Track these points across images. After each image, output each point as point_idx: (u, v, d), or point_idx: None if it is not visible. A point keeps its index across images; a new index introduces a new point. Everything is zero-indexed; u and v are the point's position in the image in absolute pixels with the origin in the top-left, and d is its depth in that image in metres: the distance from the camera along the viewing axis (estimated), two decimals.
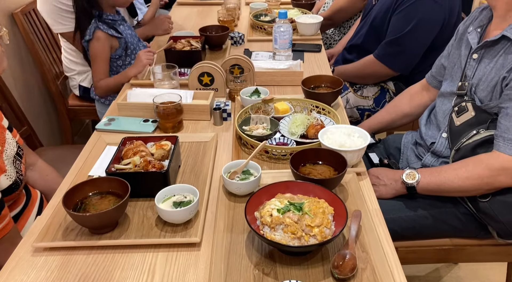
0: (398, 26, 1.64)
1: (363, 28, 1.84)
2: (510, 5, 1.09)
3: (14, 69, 1.92)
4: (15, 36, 1.94)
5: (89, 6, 1.60)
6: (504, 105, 1.08)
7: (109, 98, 1.77)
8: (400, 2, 1.63)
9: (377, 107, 1.84)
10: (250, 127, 1.22)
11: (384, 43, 1.70)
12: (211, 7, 2.34)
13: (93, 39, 1.60)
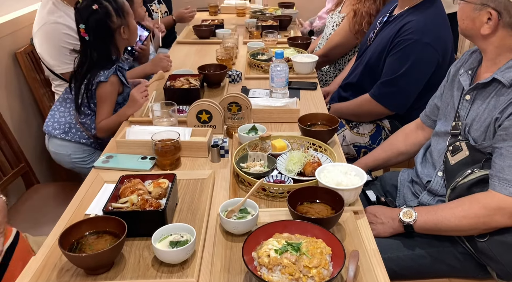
0: (393, 67, 1.68)
1: (358, 67, 1.89)
2: (499, 49, 1.13)
3: (14, 106, 1.95)
4: (17, 74, 1.98)
5: (110, 51, 1.63)
6: (498, 145, 1.11)
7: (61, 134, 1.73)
8: (395, 44, 1.68)
9: (373, 145, 1.86)
10: (248, 165, 1.23)
11: (380, 83, 1.73)
12: (210, 46, 2.40)
13: (108, 82, 1.60)
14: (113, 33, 1.63)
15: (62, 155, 1.76)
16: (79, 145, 1.74)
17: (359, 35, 2.21)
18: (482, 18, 1.11)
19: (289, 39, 2.28)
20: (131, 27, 1.69)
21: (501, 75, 1.12)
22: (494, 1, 1.07)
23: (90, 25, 1.58)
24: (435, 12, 1.67)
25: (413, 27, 1.63)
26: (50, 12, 1.80)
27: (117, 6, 1.63)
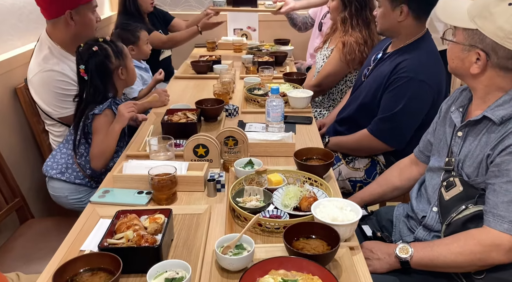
0: (390, 104, 1.72)
1: (353, 102, 1.93)
2: (488, 88, 1.17)
3: (11, 141, 1.96)
4: (16, 109, 2.00)
5: (107, 90, 1.68)
6: (491, 181, 1.12)
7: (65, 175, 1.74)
8: (391, 82, 1.72)
9: (369, 179, 1.88)
10: (244, 199, 1.24)
11: (378, 120, 1.76)
12: (207, 81, 2.45)
13: (102, 114, 1.64)
14: (111, 74, 1.70)
15: (60, 196, 1.77)
16: (75, 185, 1.74)
17: (351, 64, 2.28)
18: (471, 58, 1.15)
19: (285, 75, 2.34)
20: (129, 69, 1.77)
21: (491, 113, 1.15)
22: (482, 42, 1.11)
23: (90, 65, 1.65)
24: (428, 50, 1.73)
25: (408, 65, 1.68)
26: (45, 59, 1.82)
27: (116, 48, 1.71)
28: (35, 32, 2.19)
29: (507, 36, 1.07)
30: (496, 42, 1.08)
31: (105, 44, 1.69)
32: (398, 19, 1.71)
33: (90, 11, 1.89)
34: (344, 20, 2.29)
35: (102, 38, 1.72)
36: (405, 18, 1.70)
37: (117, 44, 1.74)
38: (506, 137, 1.11)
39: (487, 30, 1.09)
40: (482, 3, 1.12)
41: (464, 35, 1.15)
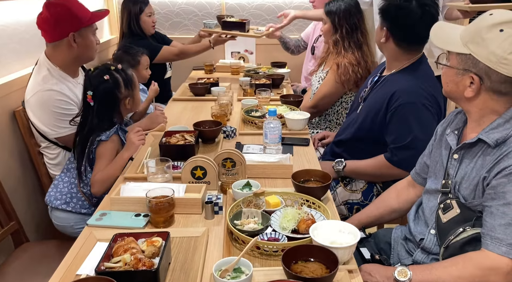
0: (403, 132, 1.69)
1: (351, 125, 1.93)
2: (483, 111, 1.18)
3: (9, 164, 1.95)
4: (14, 132, 2.00)
5: (112, 117, 1.69)
6: (488, 204, 1.13)
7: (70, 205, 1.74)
8: (393, 111, 1.69)
9: (366, 201, 1.87)
10: (242, 222, 1.23)
11: (395, 149, 1.73)
12: (205, 103, 2.47)
13: (108, 141, 1.64)
14: (118, 103, 1.71)
15: (65, 226, 1.75)
16: (80, 215, 1.73)
17: (346, 84, 2.33)
18: (465, 82, 1.17)
19: (282, 97, 2.37)
20: (136, 98, 1.80)
21: (486, 136, 1.16)
22: (475, 67, 1.13)
23: (98, 93, 1.65)
24: (423, 74, 1.75)
25: (406, 91, 1.68)
26: (45, 80, 1.84)
27: (127, 78, 1.72)
28: (35, 55, 2.22)
29: (499, 61, 1.09)
30: (489, 66, 1.11)
31: (116, 73, 1.70)
32: (381, 39, 1.75)
33: (91, 33, 1.93)
34: (336, 43, 2.35)
35: (114, 66, 1.72)
36: (386, 41, 1.74)
37: (127, 73, 1.75)
38: (501, 160, 1.13)
39: (480, 55, 1.12)
40: (474, 29, 1.15)
41: (458, 59, 1.18)
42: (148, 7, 2.97)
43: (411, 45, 1.73)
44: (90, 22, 1.88)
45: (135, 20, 2.92)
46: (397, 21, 1.69)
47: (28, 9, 2.24)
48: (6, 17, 2.09)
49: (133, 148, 1.64)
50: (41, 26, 1.86)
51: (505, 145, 1.14)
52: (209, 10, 3.75)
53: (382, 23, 1.75)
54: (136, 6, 2.91)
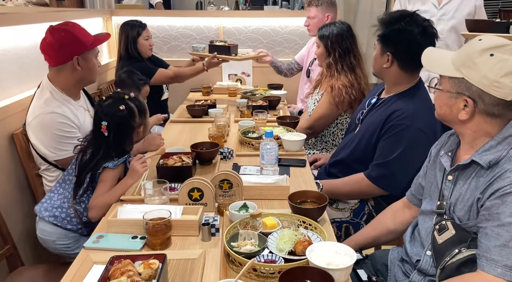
0: (387, 151, 1.73)
1: (347, 147, 1.95)
2: (476, 133, 1.21)
3: (6, 187, 1.95)
4: (13, 155, 2.01)
5: (125, 146, 1.69)
6: (482, 225, 1.14)
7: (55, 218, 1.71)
8: (387, 129, 1.74)
9: (356, 219, 1.88)
10: (238, 244, 1.23)
11: (375, 165, 1.77)
12: (202, 124, 2.49)
13: (115, 168, 1.64)
14: (132, 132, 1.70)
15: (48, 240, 1.73)
16: (65, 230, 1.71)
17: (340, 106, 2.37)
18: (459, 105, 1.19)
19: (278, 118, 2.39)
20: (147, 126, 1.81)
21: (479, 157, 1.18)
22: (468, 90, 1.16)
23: (113, 123, 1.63)
24: (422, 98, 1.77)
25: (404, 113, 1.71)
26: (47, 102, 1.86)
27: (140, 106, 1.72)
28: (34, 79, 2.26)
29: (491, 84, 1.12)
30: (482, 89, 1.14)
31: (131, 103, 1.69)
32: (384, 65, 1.78)
33: (94, 56, 1.96)
34: (330, 66, 2.42)
35: (127, 95, 1.71)
36: (390, 66, 1.76)
37: (140, 101, 1.74)
38: (494, 182, 1.14)
39: (473, 78, 1.15)
40: (465, 53, 1.18)
41: (450, 83, 1.20)
42: (146, 31, 3.03)
43: (415, 67, 1.76)
44: (93, 45, 1.92)
45: (132, 43, 2.98)
46: (401, 45, 1.71)
47: (28, 35, 2.28)
48: (7, 42, 2.13)
49: (137, 175, 1.64)
50: (45, 51, 1.89)
51: (498, 167, 1.16)
52: (206, 34, 3.83)
53: (383, 49, 1.77)
54: (134, 30, 2.98)
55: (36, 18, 2.37)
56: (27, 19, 2.30)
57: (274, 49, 3.85)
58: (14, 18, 2.19)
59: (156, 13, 4.26)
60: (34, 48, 1.95)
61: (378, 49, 1.80)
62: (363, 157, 1.85)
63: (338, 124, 2.47)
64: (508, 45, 1.14)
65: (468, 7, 2.72)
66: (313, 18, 3.00)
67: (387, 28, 1.75)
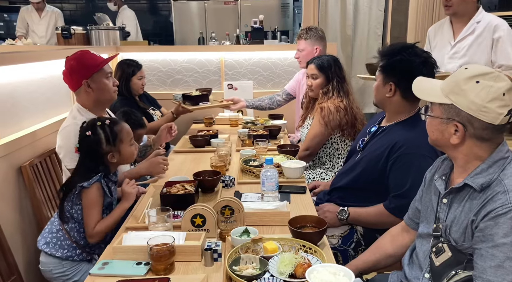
0: (399, 182, 1.75)
1: (349, 173, 1.97)
2: (468, 157, 1.25)
3: (13, 218, 2.01)
4: (20, 187, 2.08)
5: (98, 169, 1.72)
6: (477, 246, 1.17)
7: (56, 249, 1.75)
8: (394, 160, 1.75)
9: (344, 246, 1.91)
10: (240, 268, 1.27)
11: (392, 197, 1.79)
12: (205, 154, 2.55)
13: (91, 188, 1.68)
14: (102, 157, 1.74)
15: (45, 271, 1.76)
16: (56, 258, 1.74)
17: (329, 125, 2.49)
18: (450, 130, 1.24)
19: (279, 147, 2.46)
20: (123, 152, 1.79)
21: (471, 180, 1.23)
22: (458, 115, 1.22)
23: (82, 146, 1.74)
24: (422, 126, 1.78)
25: (408, 142, 1.74)
26: (73, 117, 2.00)
27: (110, 134, 1.74)
28: (44, 113, 2.35)
29: (479, 109, 1.18)
30: (470, 114, 1.20)
31: (100, 130, 1.73)
32: (387, 94, 1.81)
33: (104, 77, 2.03)
34: (326, 93, 2.57)
35: (100, 122, 1.76)
36: (392, 95, 1.80)
37: (113, 129, 1.76)
38: (487, 204, 1.18)
39: (461, 104, 1.21)
40: (452, 81, 1.25)
41: (441, 109, 1.26)
42: (140, 71, 3.15)
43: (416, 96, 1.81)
44: (99, 67, 2.01)
45: (125, 82, 3.06)
46: (403, 75, 1.74)
47: (38, 71, 2.40)
48: (19, 78, 2.23)
49: (131, 197, 1.72)
50: (64, 79, 2.05)
51: (489, 189, 1.20)
52: (208, 67, 3.96)
53: (386, 79, 1.81)
54: (130, 69, 3.10)
55: (45, 56, 2.50)
56: (37, 57, 2.42)
57: (274, 80, 3.97)
58: (25, 56, 2.31)
59: (159, 48, 4.42)
60: (44, 84, 2.06)
61: (380, 79, 1.84)
62: (365, 184, 1.88)
63: (333, 144, 2.58)
64: (492, 73, 1.21)
65: (485, 43, 2.63)
66: (302, 51, 3.15)
67: (389, 58, 1.80)
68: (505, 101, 1.18)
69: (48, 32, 5.29)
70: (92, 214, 1.68)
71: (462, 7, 2.65)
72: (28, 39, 4.96)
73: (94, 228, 1.67)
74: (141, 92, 3.21)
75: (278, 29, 5.09)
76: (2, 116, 2.06)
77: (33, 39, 5.15)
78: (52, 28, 5.29)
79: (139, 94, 3.21)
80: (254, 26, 4.50)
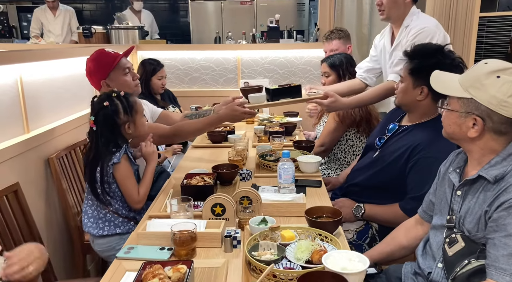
0: (419, 184, 1.76)
1: (365, 170, 2.00)
2: (483, 150, 1.29)
3: (41, 207, 2.11)
4: (47, 177, 2.18)
5: (116, 140, 1.80)
6: (490, 236, 1.21)
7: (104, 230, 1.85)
8: (414, 163, 1.78)
9: (359, 241, 1.94)
10: (259, 253, 1.32)
11: (409, 199, 1.80)
12: (222, 149, 2.61)
13: (121, 162, 1.76)
14: (119, 127, 1.81)
15: (110, 255, 1.83)
16: (117, 236, 1.85)
17: (343, 121, 2.55)
18: (468, 124, 1.27)
19: (295, 143, 2.50)
20: (137, 124, 1.85)
21: (485, 172, 1.26)
22: (477, 109, 1.25)
23: (99, 118, 1.78)
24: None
25: (431, 145, 1.75)
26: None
27: (127, 104, 1.81)
28: (68, 108, 2.46)
29: (500, 103, 1.21)
30: (490, 109, 1.23)
31: (117, 100, 1.79)
32: (417, 97, 1.79)
33: (121, 74, 2.06)
34: None
35: (115, 93, 1.81)
36: (424, 98, 1.79)
37: (129, 99, 1.82)
38: (500, 195, 1.22)
39: (482, 98, 1.24)
40: (473, 75, 1.28)
41: (459, 103, 1.29)
42: (161, 71, 3.25)
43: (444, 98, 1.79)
44: (113, 64, 2.04)
45: (145, 81, 3.16)
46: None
47: (61, 68, 2.50)
48: (43, 74, 2.33)
49: (153, 156, 1.85)
50: (89, 81, 2.12)
51: (503, 181, 1.23)
52: (225, 65, 4.04)
53: (416, 82, 1.78)
54: (151, 66, 3.20)
55: (67, 53, 2.60)
56: (60, 55, 2.53)
57: (290, 78, 4.03)
58: (49, 53, 2.42)
59: (177, 47, 4.50)
60: (67, 80, 2.15)
61: (410, 82, 1.80)
62: (383, 183, 1.91)
63: (348, 141, 2.63)
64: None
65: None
66: (335, 51, 3.16)
67: (422, 61, 1.77)
68: None
69: (64, 31, 5.40)
70: (131, 183, 1.81)
71: (394, 11, 2.29)
72: (50, 38, 5.12)
73: (139, 193, 1.81)
74: (161, 92, 3.31)
75: (294, 28, 5.14)
76: (32, 111, 2.16)
77: (51, 38, 5.30)
78: (67, 26, 5.41)
79: (160, 93, 3.30)
80: (270, 26, 4.55)
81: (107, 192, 1.81)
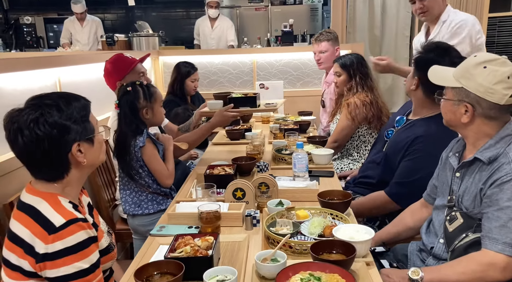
0: (409, 172, 1.88)
1: (375, 164, 2.15)
2: (478, 135, 1.43)
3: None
4: None
5: (138, 123, 1.98)
6: (485, 211, 1.35)
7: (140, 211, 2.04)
8: (410, 151, 1.89)
9: (370, 223, 2.06)
10: (276, 229, 1.49)
11: (395, 183, 1.92)
12: (240, 146, 2.77)
13: (146, 145, 1.96)
14: (138, 111, 1.99)
15: (146, 225, 2.03)
16: (149, 215, 2.03)
17: (356, 119, 2.66)
18: (461, 110, 1.42)
19: (308, 138, 2.66)
20: (155, 111, 2.02)
21: (480, 155, 1.41)
22: (467, 97, 1.40)
23: (122, 102, 1.98)
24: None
25: (429, 140, 1.84)
26: (114, 115, 2.24)
27: (148, 91, 2.01)
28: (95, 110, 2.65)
29: (486, 90, 1.36)
30: (478, 96, 1.37)
31: (138, 87, 1.98)
32: (411, 87, 1.92)
33: (135, 77, 2.27)
34: (350, 88, 2.75)
35: (139, 82, 2.01)
36: (415, 89, 1.92)
37: (150, 88, 2.00)
38: (493, 174, 1.36)
39: (470, 87, 1.39)
40: (464, 66, 1.43)
41: (453, 93, 1.45)
42: (195, 74, 3.46)
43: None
44: (130, 68, 2.26)
45: (179, 82, 3.39)
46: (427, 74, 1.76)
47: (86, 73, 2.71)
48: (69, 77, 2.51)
49: (170, 141, 2.07)
50: (105, 81, 2.32)
51: (496, 161, 1.38)
52: (242, 68, 4.23)
53: (415, 72, 1.90)
54: (186, 69, 3.41)
55: (91, 59, 2.82)
56: (85, 60, 2.76)
57: (304, 80, 4.19)
58: (75, 59, 2.64)
59: (196, 52, 4.73)
60: (91, 83, 2.35)
61: (412, 71, 1.94)
62: (387, 175, 2.04)
63: (360, 137, 2.75)
64: (498, 59, 1.39)
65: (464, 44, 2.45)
66: (325, 52, 3.32)
67: (421, 54, 1.93)
68: (509, 83, 1.35)
69: (90, 39, 5.72)
70: (158, 161, 2.00)
71: (437, 8, 2.56)
72: (76, 47, 5.41)
73: (168, 169, 2.02)
74: (193, 94, 3.53)
75: (307, 32, 5.31)
76: None
77: (77, 46, 5.59)
78: (93, 35, 5.73)
79: (191, 95, 3.51)
80: (284, 30, 4.74)
81: (142, 177, 2.01)
